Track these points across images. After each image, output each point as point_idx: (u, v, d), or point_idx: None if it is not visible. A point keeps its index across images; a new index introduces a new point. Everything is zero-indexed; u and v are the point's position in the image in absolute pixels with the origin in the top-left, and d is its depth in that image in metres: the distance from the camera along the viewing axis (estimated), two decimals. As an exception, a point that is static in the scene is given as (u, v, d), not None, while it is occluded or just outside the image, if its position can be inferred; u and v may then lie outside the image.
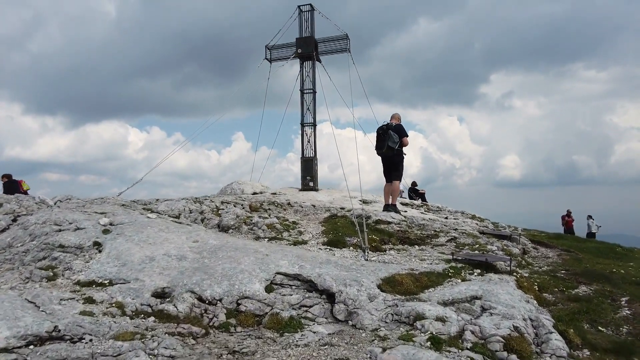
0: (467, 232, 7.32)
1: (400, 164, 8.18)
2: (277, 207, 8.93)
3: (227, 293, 3.44)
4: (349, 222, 7.13)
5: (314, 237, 5.99)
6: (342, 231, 6.27)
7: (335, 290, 3.63)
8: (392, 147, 7.94)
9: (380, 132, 8.10)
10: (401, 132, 8.03)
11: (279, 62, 13.26)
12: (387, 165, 8.32)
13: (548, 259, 6.82)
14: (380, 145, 8.10)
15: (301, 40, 12.67)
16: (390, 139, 7.93)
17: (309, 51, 12.49)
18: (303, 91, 12.91)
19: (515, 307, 3.54)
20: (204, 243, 4.44)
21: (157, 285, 3.45)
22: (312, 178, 12.56)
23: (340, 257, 4.76)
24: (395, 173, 8.14)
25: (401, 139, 8.00)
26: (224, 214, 6.72)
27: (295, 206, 9.51)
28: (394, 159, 8.13)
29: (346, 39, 12.72)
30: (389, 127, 8.07)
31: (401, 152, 8.12)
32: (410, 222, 7.98)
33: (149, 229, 4.72)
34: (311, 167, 12.57)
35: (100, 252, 4.16)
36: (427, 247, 6.29)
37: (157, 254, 4.02)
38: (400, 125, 8.13)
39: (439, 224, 8.17)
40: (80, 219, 5.07)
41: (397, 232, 6.96)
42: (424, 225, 7.87)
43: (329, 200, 11.84)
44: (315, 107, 12.85)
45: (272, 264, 3.94)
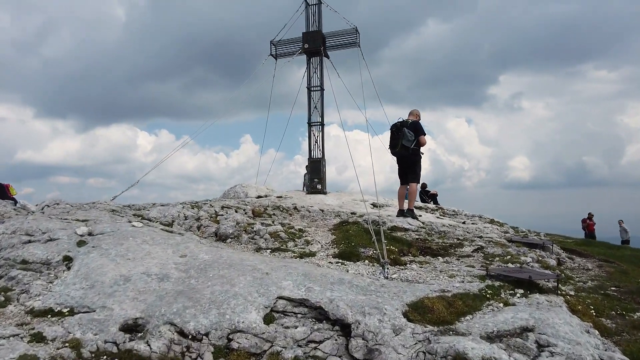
0: (494, 241, 6.54)
1: (417, 165, 7.43)
2: (282, 212, 8.22)
3: (216, 325, 2.73)
4: (361, 229, 6.39)
5: (324, 248, 5.26)
6: (354, 240, 5.54)
7: (352, 321, 2.90)
8: (407, 146, 7.20)
9: (394, 130, 7.36)
10: (418, 129, 7.29)
11: (285, 58, 12.59)
12: (402, 165, 7.58)
13: (589, 272, 6.03)
14: (394, 143, 7.36)
15: (308, 35, 11.99)
16: (404, 137, 7.19)
17: (316, 46, 11.80)
18: (310, 89, 12.22)
19: (581, 344, 2.78)
20: (192, 258, 3.74)
21: (128, 316, 2.75)
22: (320, 180, 11.84)
23: (355, 274, 4.03)
24: (412, 175, 7.39)
25: (417, 137, 7.26)
26: (223, 221, 6.03)
27: (302, 211, 8.79)
28: (410, 159, 7.38)
29: (355, 33, 12.00)
30: (403, 124, 7.33)
31: (418, 152, 7.38)
32: (430, 229, 7.22)
33: (130, 241, 4.04)
34: (319, 169, 11.85)
35: (69, 270, 3.47)
36: (452, 258, 5.53)
37: (135, 272, 3.33)
38: (417, 122, 7.39)
39: (461, 231, 7.40)
40: (55, 228, 4.40)
41: (416, 241, 6.21)
42: (445, 232, 7.10)
43: (338, 204, 11.12)
44: (323, 106, 12.15)
45: (273, 285, 3.22)
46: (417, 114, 7.68)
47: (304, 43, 11.99)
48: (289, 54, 12.46)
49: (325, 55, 12.18)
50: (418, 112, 7.70)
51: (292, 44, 12.55)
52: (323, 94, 12.20)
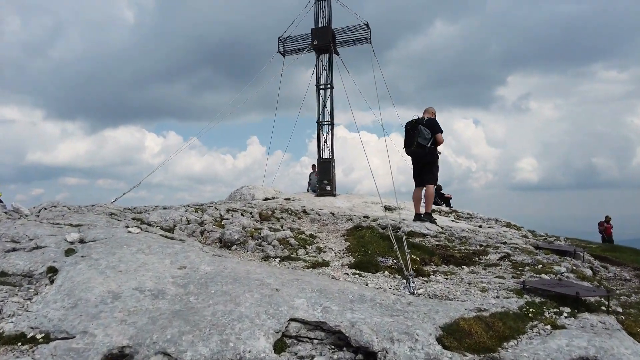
0: (519, 247, 6.03)
1: (434, 165, 6.95)
2: (290, 216, 7.78)
3: (218, 355, 2.29)
4: (377, 235, 5.92)
5: (338, 257, 4.80)
6: (371, 248, 5.07)
7: (378, 349, 2.45)
8: (423, 145, 6.72)
9: (409, 128, 6.89)
10: (434, 127, 6.81)
11: (293, 56, 12.16)
12: (418, 166, 7.10)
13: (628, 283, 5.51)
14: (409, 142, 6.89)
15: (317, 31, 11.56)
16: (420, 135, 6.72)
17: (325, 42, 11.37)
18: (319, 87, 11.78)
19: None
20: (193, 270, 3.30)
21: (113, 344, 2.32)
22: (330, 182, 11.40)
23: (376, 288, 3.56)
24: (429, 176, 6.91)
25: (434, 135, 6.78)
26: (228, 225, 5.60)
27: (311, 214, 8.35)
28: (426, 158, 6.90)
29: (367, 29, 11.55)
30: (418, 121, 6.85)
31: (435, 151, 6.90)
32: (449, 234, 6.73)
33: (124, 250, 3.61)
34: (328, 170, 11.41)
35: (52, 284, 3.05)
36: (478, 268, 5.04)
37: (126, 288, 2.90)
38: (434, 120, 6.91)
39: (482, 236, 6.90)
40: (43, 235, 4.00)
41: (436, 248, 5.73)
42: (466, 238, 6.61)
43: (349, 206, 10.65)
44: (333, 104, 11.71)
45: (284, 304, 2.77)
46: (433, 111, 7.20)
47: (313, 39, 11.57)
48: (298, 50, 12.04)
49: (335, 52, 11.75)
50: (434, 110, 7.22)
51: (301, 40, 12.13)
52: (333, 92, 11.76)
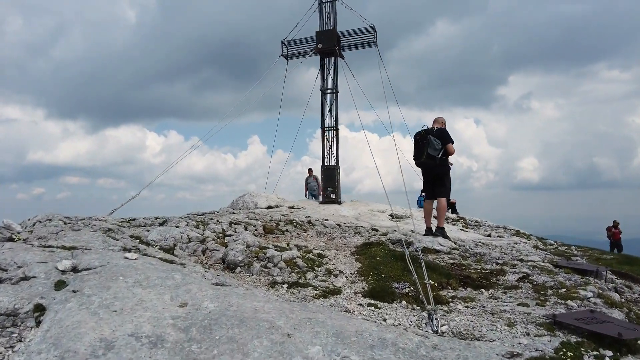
0: (538, 266, 5.73)
1: (446, 177, 6.64)
2: (296, 228, 7.47)
3: None
4: (388, 253, 5.61)
5: (349, 281, 4.50)
6: (384, 270, 4.76)
7: (406, 413, 2.13)
8: (434, 156, 6.42)
9: (418, 139, 6.58)
10: (445, 137, 6.51)
11: (297, 59, 11.87)
12: (429, 178, 6.79)
13: (656, 306, 5.20)
14: (419, 153, 6.58)
15: (322, 34, 11.26)
16: (430, 146, 6.42)
17: (330, 45, 11.07)
18: (324, 91, 11.48)
19: None
20: (195, 308, 3.00)
21: (103, 412, 2.01)
22: (335, 189, 11.09)
23: (396, 326, 3.26)
24: (440, 188, 6.60)
25: (444, 145, 6.47)
26: (231, 244, 5.29)
27: (317, 225, 8.05)
28: (437, 170, 6.60)
29: (373, 32, 11.24)
30: (428, 132, 6.55)
31: (446, 162, 6.59)
32: (464, 250, 6.43)
33: (119, 282, 3.30)
34: (333, 177, 11.11)
35: (38, 327, 2.75)
36: (498, 291, 4.73)
37: (120, 334, 2.59)
38: (444, 130, 6.61)
39: (498, 252, 6.60)
40: (32, 262, 3.69)
41: (451, 267, 5.42)
42: (480, 254, 6.31)
43: (354, 215, 10.35)
44: (338, 109, 11.40)
45: (297, 354, 2.46)
46: (443, 121, 6.89)
47: (318, 42, 11.26)
48: (302, 54, 11.73)
49: (340, 55, 11.44)
50: (444, 120, 6.91)
51: (305, 44, 11.83)
52: (337, 97, 11.45)
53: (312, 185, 13.62)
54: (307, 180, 13.94)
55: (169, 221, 7.13)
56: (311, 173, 14.01)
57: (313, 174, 13.69)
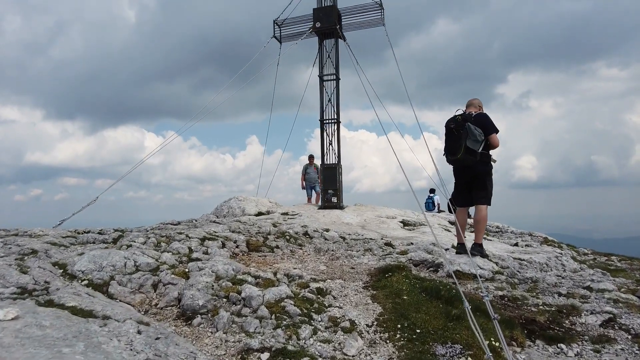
0: (621, 300, 4.16)
1: (488, 178, 5.07)
2: (289, 243, 5.90)
3: None
4: (415, 283, 4.04)
5: (367, 341, 2.92)
6: (417, 319, 3.18)
7: None
8: (474, 150, 4.86)
9: (453, 127, 5.00)
10: (487, 125, 4.94)
11: (292, 41, 10.27)
12: (465, 179, 5.19)
13: None
14: (454, 146, 4.99)
15: (320, 11, 9.67)
16: (469, 137, 4.85)
17: (330, 24, 9.48)
18: (322, 78, 9.89)
19: None
20: None
21: None
22: (336, 192, 9.50)
23: None
24: (480, 192, 5.02)
25: (488, 136, 4.93)
26: (194, 275, 3.72)
27: (315, 238, 6.48)
28: (478, 169, 5.01)
29: (380, 9, 9.66)
30: (466, 118, 4.98)
31: (489, 158, 5.04)
32: (510, 274, 4.87)
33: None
34: (334, 178, 9.52)
35: None
36: (585, 347, 3.18)
37: None
38: (485, 116, 5.04)
39: (553, 276, 5.06)
40: None
41: (502, 304, 3.86)
42: (532, 280, 4.76)
43: (360, 222, 8.78)
44: (339, 98, 9.81)
45: None
46: (480, 104, 5.33)
47: (315, 21, 9.67)
48: (297, 35, 10.14)
49: (341, 36, 9.86)
50: (480, 102, 5.34)
51: (301, 23, 10.22)
52: (339, 84, 9.86)
53: (312, 176, 11.46)
54: (306, 170, 11.81)
55: (125, 236, 5.56)
56: (312, 161, 11.68)
57: (314, 162, 11.45)
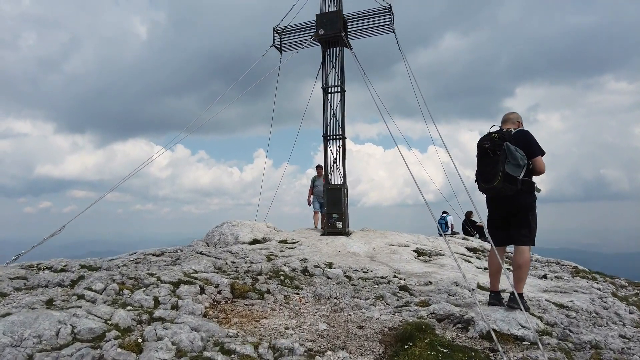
0: None
1: (531, 212, 4.04)
2: (283, 287, 4.90)
3: None
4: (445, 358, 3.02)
5: None
6: None
7: None
8: (514, 177, 3.87)
9: (487, 147, 4.01)
10: (531, 146, 3.95)
11: (293, 50, 9.43)
12: (502, 212, 4.15)
13: None
14: (488, 172, 3.98)
15: (324, 18, 8.83)
16: (509, 161, 3.86)
17: (335, 31, 8.63)
18: (326, 90, 9.00)
19: None
20: None
21: None
22: (341, 216, 8.50)
23: None
24: (523, 230, 4.00)
25: (531, 159, 3.94)
26: (147, 350, 2.74)
27: (316, 277, 5.49)
28: (519, 200, 3.98)
29: (389, 13, 8.80)
30: (504, 135, 3.99)
31: (533, 188, 4.02)
32: (561, 334, 3.83)
33: None
34: (339, 200, 8.53)
35: None
36: None
37: None
38: (527, 133, 4.05)
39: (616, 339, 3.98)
40: None
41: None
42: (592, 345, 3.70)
43: (368, 252, 7.77)
44: (344, 112, 8.90)
45: None
46: (519, 119, 4.35)
47: (319, 28, 8.83)
48: (298, 43, 9.30)
49: (347, 44, 8.99)
50: (519, 117, 4.37)
51: (303, 30, 9.38)
52: (344, 97, 8.96)
53: (321, 189, 10.07)
54: (314, 182, 10.53)
55: (86, 277, 4.61)
56: (321, 173, 10.31)
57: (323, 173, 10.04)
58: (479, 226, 14.28)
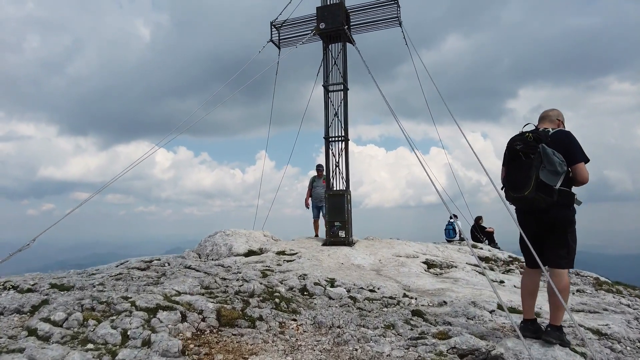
0: None
1: (570, 229, 3.38)
2: (277, 310, 4.27)
3: None
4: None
5: None
6: None
7: None
8: (550, 187, 3.22)
9: (519, 148, 3.37)
10: (572, 149, 3.29)
11: (291, 45, 8.81)
12: (535, 227, 3.49)
13: None
14: (519, 179, 3.33)
15: (325, 10, 8.21)
16: (545, 166, 3.21)
17: (336, 25, 8.01)
18: (328, 88, 8.38)
19: None
20: None
21: None
22: (344, 224, 7.87)
23: None
24: (559, 250, 3.35)
25: (572, 165, 3.29)
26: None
27: (317, 297, 4.86)
28: (555, 214, 3.31)
29: (395, 5, 8.17)
30: (539, 136, 3.33)
31: (572, 200, 3.36)
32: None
33: None
34: (342, 207, 7.89)
35: None
36: None
37: None
38: (568, 135, 3.39)
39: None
40: None
41: None
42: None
43: (374, 264, 7.13)
44: (347, 111, 8.27)
45: None
46: (559, 116, 3.68)
47: (319, 22, 8.22)
48: (297, 37, 8.68)
49: (350, 39, 8.37)
50: (560, 115, 3.70)
51: (302, 24, 8.76)
52: (347, 95, 8.33)
53: (319, 191, 9.32)
54: (313, 184, 9.63)
55: (50, 302, 4.00)
56: (321, 174, 9.46)
57: (324, 174, 9.24)
58: (488, 232, 13.62)
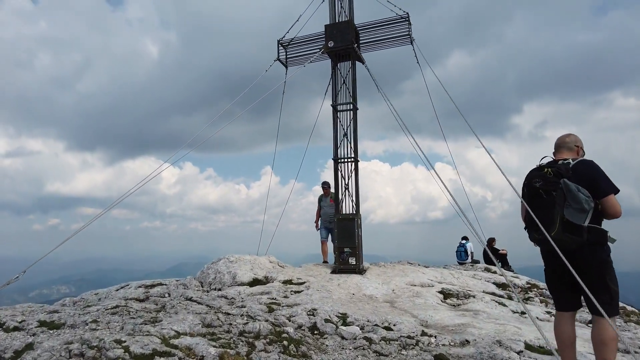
0: None
1: (607, 270, 2.99)
2: (287, 355, 3.85)
3: None
4: None
5: None
6: None
7: None
8: (578, 226, 2.84)
9: (539, 186, 3.02)
10: (598, 182, 2.93)
11: (299, 64, 8.57)
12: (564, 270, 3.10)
13: None
14: (545, 219, 2.97)
15: (334, 28, 7.98)
16: (569, 204, 2.84)
17: (346, 43, 7.76)
18: (336, 107, 8.09)
19: None
20: None
21: None
22: (354, 251, 7.45)
23: None
24: (601, 296, 2.95)
25: (600, 199, 2.91)
26: None
27: (328, 337, 4.44)
28: (587, 256, 2.94)
29: (406, 22, 7.93)
30: (560, 171, 2.97)
31: (604, 238, 2.97)
32: None
33: None
34: (352, 233, 7.49)
35: None
36: None
37: None
38: (592, 166, 3.03)
39: None
40: None
41: None
42: None
43: (387, 295, 6.70)
44: (357, 131, 7.95)
45: None
46: (577, 143, 3.31)
47: (328, 40, 7.98)
48: (305, 56, 8.44)
49: (359, 58, 8.12)
50: (579, 141, 3.33)
51: (310, 43, 8.54)
52: (356, 115, 8.03)
53: (327, 211, 8.97)
54: (320, 203, 9.30)
55: (35, 348, 3.61)
56: (327, 192, 9.16)
57: (331, 192, 8.89)
58: (502, 254, 13.13)
